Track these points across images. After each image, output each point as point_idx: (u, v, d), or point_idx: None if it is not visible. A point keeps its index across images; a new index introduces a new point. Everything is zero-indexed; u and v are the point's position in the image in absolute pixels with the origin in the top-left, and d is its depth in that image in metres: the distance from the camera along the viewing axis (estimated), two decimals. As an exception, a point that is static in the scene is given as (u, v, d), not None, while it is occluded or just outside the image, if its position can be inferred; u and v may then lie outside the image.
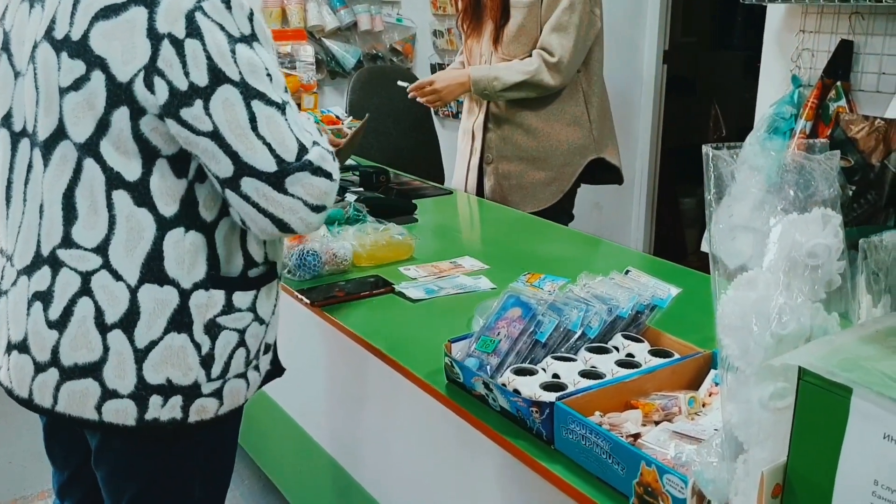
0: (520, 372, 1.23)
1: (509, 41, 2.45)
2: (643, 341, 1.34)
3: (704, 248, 3.31)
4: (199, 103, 1.06)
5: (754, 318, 0.88)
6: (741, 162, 2.62)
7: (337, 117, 2.27)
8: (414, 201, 2.32)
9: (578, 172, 2.57)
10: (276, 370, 1.39)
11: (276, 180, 1.10)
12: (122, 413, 1.16)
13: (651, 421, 1.13)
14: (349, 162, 2.75)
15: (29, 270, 1.17)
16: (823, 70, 2.65)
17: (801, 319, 0.88)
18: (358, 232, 1.90)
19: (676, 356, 1.29)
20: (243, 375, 1.26)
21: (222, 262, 1.19)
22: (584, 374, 1.22)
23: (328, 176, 1.15)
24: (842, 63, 2.62)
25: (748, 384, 0.86)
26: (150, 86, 1.06)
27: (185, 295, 1.16)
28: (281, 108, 1.11)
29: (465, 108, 2.72)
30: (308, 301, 1.66)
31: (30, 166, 1.17)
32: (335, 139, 1.47)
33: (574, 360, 1.26)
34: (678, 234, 4.88)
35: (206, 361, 1.20)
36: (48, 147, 1.13)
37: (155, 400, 1.16)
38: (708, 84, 5.50)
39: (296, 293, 1.70)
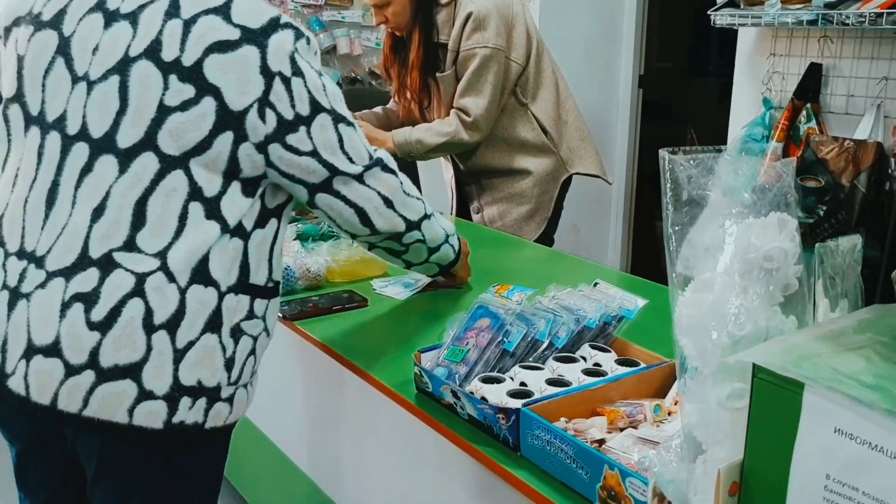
0: (487, 380, 1.24)
1: (446, 107, 2.52)
2: (610, 351, 1.35)
3: (678, 269, 3.35)
4: (302, 129, 1.23)
5: (711, 319, 0.89)
6: (714, 184, 2.67)
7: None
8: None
9: (555, 196, 2.62)
10: None
11: (359, 176, 1.32)
12: (153, 415, 1.16)
13: (616, 428, 1.14)
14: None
15: (69, 272, 1.16)
16: (794, 92, 2.71)
17: (758, 321, 0.90)
18: (332, 247, 1.91)
19: (643, 365, 1.30)
20: (247, 385, 1.30)
21: (252, 271, 1.25)
22: (551, 382, 1.23)
23: (394, 172, 1.39)
24: (811, 85, 2.68)
25: (705, 384, 0.87)
26: (262, 116, 1.19)
27: (221, 297, 1.21)
28: (354, 126, 1.32)
29: (441, 161, 2.80)
30: (280, 315, 1.66)
31: (87, 169, 1.18)
32: None
33: (541, 368, 1.27)
34: (655, 257, 4.92)
35: (229, 364, 1.23)
36: (129, 155, 1.17)
37: (185, 402, 1.18)
38: (683, 109, 5.58)
39: (268, 307, 1.70)
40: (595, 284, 1.47)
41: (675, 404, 1.22)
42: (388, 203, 1.38)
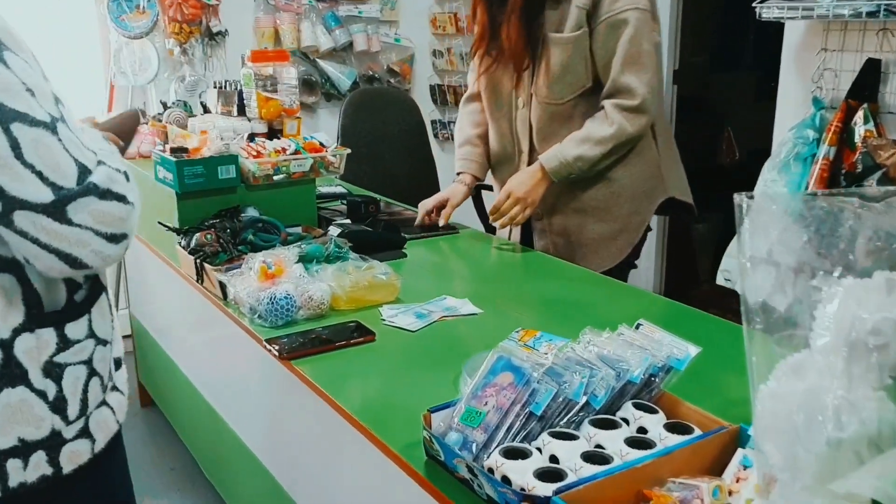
0: (510, 453, 1.03)
1: (554, 82, 2.01)
2: (657, 411, 1.14)
3: (720, 281, 3.11)
4: None
5: (803, 416, 0.68)
6: (758, 190, 2.40)
7: (321, 144, 2.09)
8: (405, 234, 2.13)
9: (648, 221, 2.16)
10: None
11: (55, 210, 0.97)
12: None
13: (668, 519, 0.93)
14: (337, 189, 2.57)
15: None
16: (848, 91, 2.47)
17: (865, 416, 0.68)
18: (337, 271, 1.71)
19: (697, 431, 1.09)
20: (104, 403, 1.16)
21: (43, 298, 1.07)
22: (588, 458, 1.02)
23: (121, 199, 1.03)
24: (868, 83, 2.44)
25: (798, 504, 0.66)
26: None
27: (6, 345, 1.04)
28: (50, 126, 0.97)
29: (495, 149, 2.25)
30: (276, 353, 1.47)
31: None
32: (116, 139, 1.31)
33: (576, 437, 1.07)
34: (690, 260, 4.68)
35: (59, 406, 1.09)
36: None
37: (13, 464, 1.06)
38: (719, 105, 5.32)
39: (264, 342, 1.51)
40: (637, 326, 1.26)
41: (738, 482, 1.02)
42: (115, 238, 1.03)
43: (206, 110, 2.46)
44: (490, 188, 2.74)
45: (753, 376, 0.72)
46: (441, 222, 2.22)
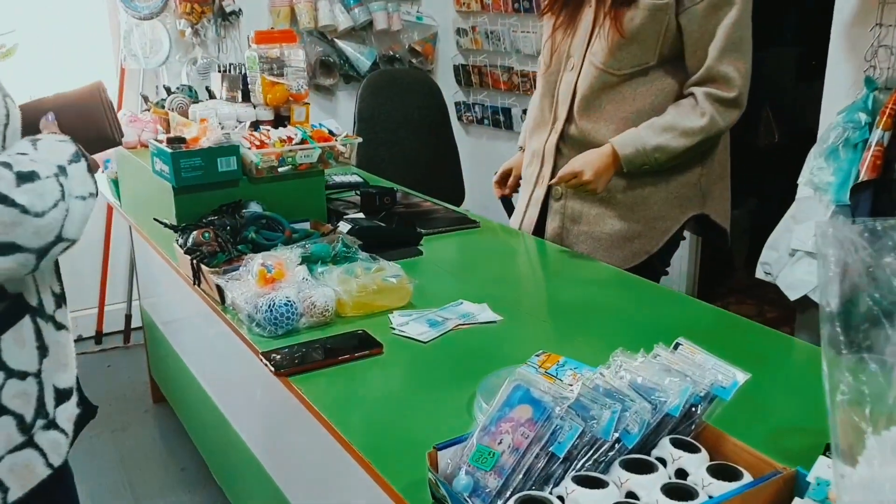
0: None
1: (617, 47, 1.79)
2: (699, 450, 0.98)
3: (759, 274, 2.93)
4: None
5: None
6: (804, 178, 2.14)
7: (330, 132, 1.94)
8: (422, 228, 1.98)
9: (673, 231, 1.92)
10: (87, 412, 1.13)
11: None
12: None
13: None
14: (351, 178, 2.42)
15: None
16: (905, 71, 2.27)
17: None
18: (344, 274, 1.57)
19: (746, 476, 0.93)
20: (27, 445, 1.00)
21: None
22: (619, 510, 0.87)
23: (1, 199, 0.87)
24: (928, 62, 2.23)
25: None
26: None
27: None
28: None
29: (534, 114, 2.06)
30: (272, 368, 1.33)
31: None
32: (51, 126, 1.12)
33: (604, 484, 0.91)
34: (725, 252, 4.49)
35: None
36: None
37: None
38: (756, 84, 5.07)
39: (260, 355, 1.38)
40: (676, 347, 1.10)
41: (796, 543, 0.86)
42: None
43: (211, 96, 2.32)
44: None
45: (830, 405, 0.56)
46: (507, 191, 2.17)
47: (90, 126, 1.24)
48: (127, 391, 3.22)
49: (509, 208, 2.25)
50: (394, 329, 1.49)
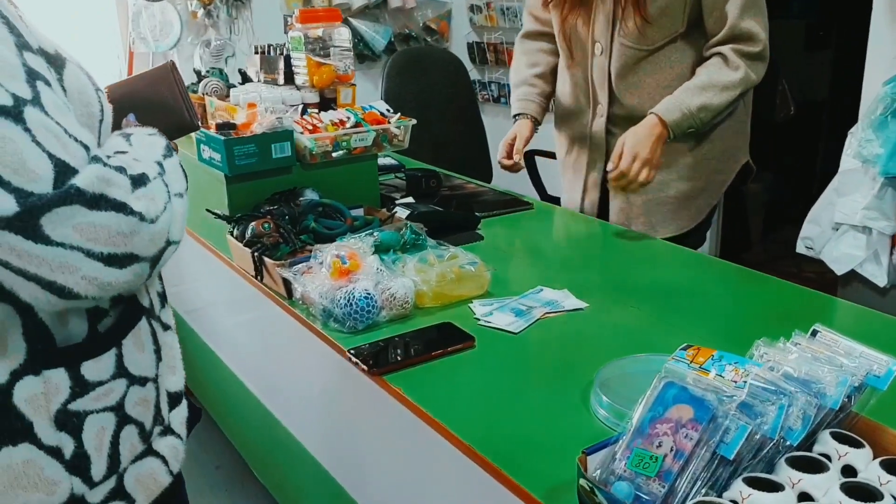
0: (705, 512, 0.82)
1: (648, 25, 1.81)
2: (863, 445, 0.92)
3: (801, 249, 2.88)
4: None
5: None
6: (847, 150, 2.07)
7: (382, 114, 1.85)
8: (476, 212, 1.91)
9: (729, 182, 2.01)
10: (194, 414, 1.10)
11: (24, 224, 0.74)
12: None
13: None
14: (390, 162, 2.33)
15: None
16: (959, 38, 2.21)
17: None
18: (420, 264, 1.49)
19: (925, 472, 0.87)
20: (149, 453, 0.96)
21: (53, 330, 0.85)
22: (805, 515, 0.81)
23: (120, 208, 0.79)
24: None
25: None
26: None
27: (2, 392, 0.83)
28: (13, 112, 0.74)
29: (565, 102, 2.06)
30: (365, 367, 1.25)
31: None
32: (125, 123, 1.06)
33: (780, 487, 0.85)
34: (743, 222, 4.45)
35: (78, 465, 0.88)
36: None
37: None
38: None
39: (348, 353, 1.30)
40: (814, 333, 1.03)
41: None
42: (118, 260, 0.80)
43: (245, 79, 2.22)
44: (546, 154, 2.51)
45: None
46: (516, 157, 2.00)
47: (169, 114, 1.15)
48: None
49: (535, 179, 2.23)
50: (478, 320, 1.42)
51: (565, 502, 0.93)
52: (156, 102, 1.16)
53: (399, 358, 1.27)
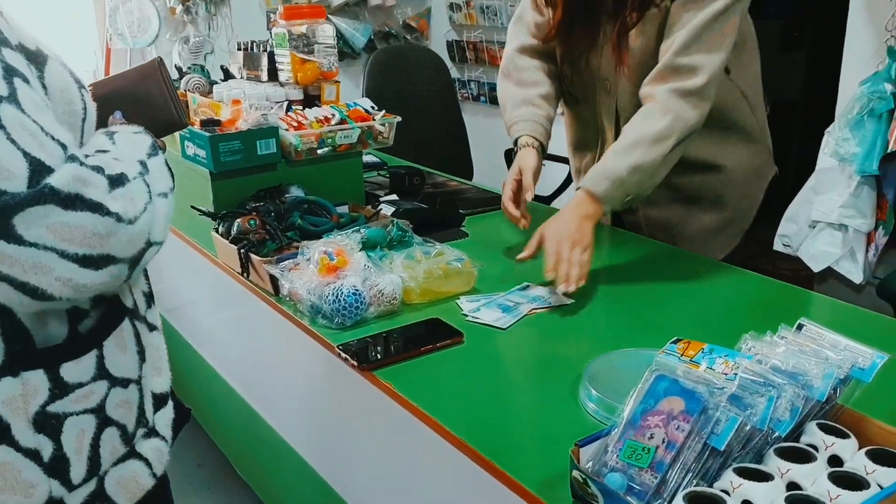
0: (695, 501, 0.83)
1: (640, 64, 1.62)
2: (849, 435, 0.95)
3: (778, 246, 2.92)
4: None
5: None
6: (824, 149, 2.10)
7: (366, 111, 1.85)
8: (461, 209, 1.91)
9: (759, 202, 1.83)
10: (182, 415, 1.08)
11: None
12: None
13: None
14: (373, 159, 2.34)
15: None
16: (933, 39, 2.26)
17: None
18: (407, 260, 1.50)
19: (909, 462, 0.90)
20: (131, 456, 0.95)
21: (32, 331, 0.85)
22: (793, 503, 0.83)
23: (95, 208, 0.78)
24: (957, 30, 2.22)
25: None
26: None
27: None
28: None
29: (576, 133, 1.89)
30: (354, 363, 1.26)
31: None
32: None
33: (769, 476, 0.87)
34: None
35: (56, 467, 0.87)
36: None
37: None
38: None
39: (337, 349, 1.30)
40: (799, 327, 1.06)
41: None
42: (93, 261, 0.79)
43: (227, 75, 2.21)
44: (557, 159, 2.43)
45: None
46: (528, 197, 1.72)
47: (156, 112, 1.15)
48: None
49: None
50: (466, 316, 1.42)
51: (558, 494, 0.94)
52: (143, 99, 1.15)
53: (389, 354, 1.28)
